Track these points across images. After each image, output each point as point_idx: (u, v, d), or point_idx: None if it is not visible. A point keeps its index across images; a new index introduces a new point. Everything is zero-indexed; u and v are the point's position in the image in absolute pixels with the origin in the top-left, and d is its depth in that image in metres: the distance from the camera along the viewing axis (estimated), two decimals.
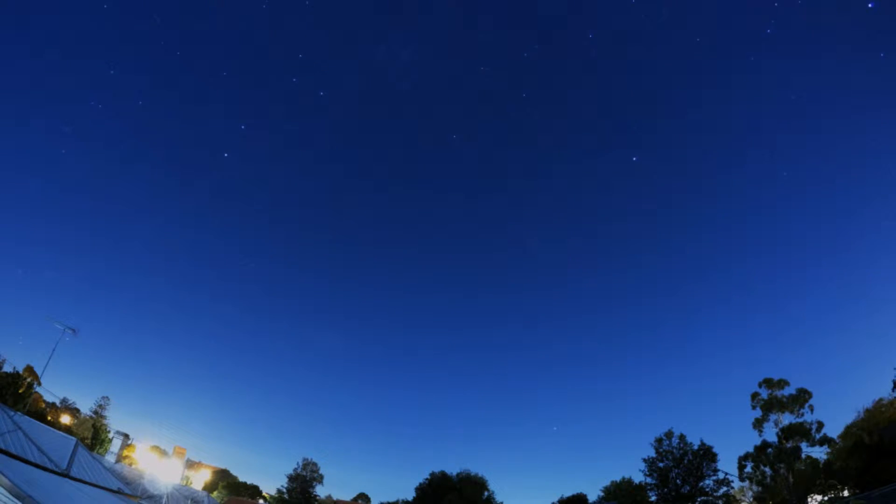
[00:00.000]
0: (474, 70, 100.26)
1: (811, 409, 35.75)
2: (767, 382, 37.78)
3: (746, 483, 37.95)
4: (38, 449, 12.67)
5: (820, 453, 34.17)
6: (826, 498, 30.20)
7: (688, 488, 40.31)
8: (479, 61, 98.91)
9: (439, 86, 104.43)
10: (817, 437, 34.71)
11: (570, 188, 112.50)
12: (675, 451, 41.79)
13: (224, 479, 67.77)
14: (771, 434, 36.51)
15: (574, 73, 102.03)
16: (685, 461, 41.03)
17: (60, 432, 17.86)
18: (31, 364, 45.18)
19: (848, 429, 33.70)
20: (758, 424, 37.20)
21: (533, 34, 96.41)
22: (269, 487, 68.39)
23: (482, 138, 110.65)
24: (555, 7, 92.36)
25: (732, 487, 39.69)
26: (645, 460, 42.93)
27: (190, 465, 59.17)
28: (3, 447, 10.62)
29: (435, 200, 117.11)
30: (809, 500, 32.47)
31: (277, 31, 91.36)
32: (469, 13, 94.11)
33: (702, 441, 41.39)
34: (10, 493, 8.39)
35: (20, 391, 36.51)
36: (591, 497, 51.80)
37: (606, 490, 49.07)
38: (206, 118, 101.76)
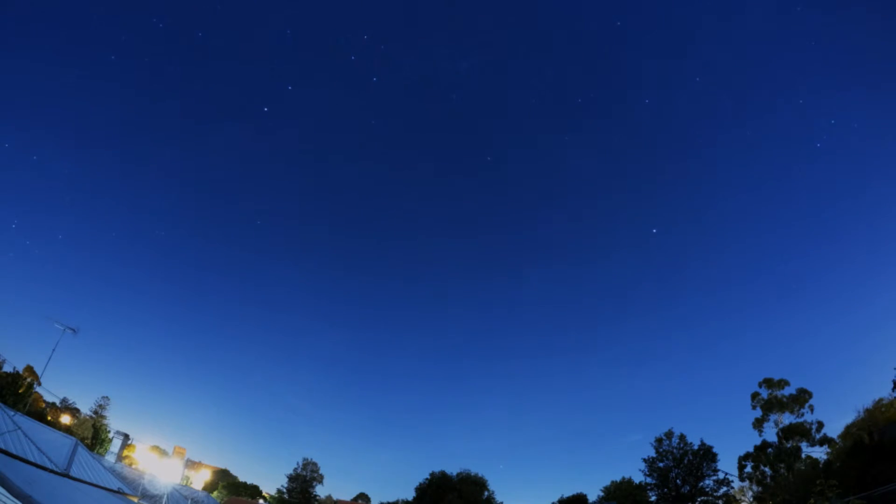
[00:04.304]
0: (526, 100, 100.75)
1: (811, 409, 35.86)
2: (767, 382, 37.83)
3: (746, 483, 37.98)
4: (38, 449, 12.67)
5: (820, 453, 34.25)
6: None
7: (688, 488, 40.32)
8: (533, 93, 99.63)
9: (488, 106, 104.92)
10: (817, 437, 34.78)
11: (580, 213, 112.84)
12: (675, 451, 41.82)
13: (224, 479, 67.82)
14: (771, 434, 36.60)
15: (620, 131, 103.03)
16: (685, 461, 41.04)
17: (60, 432, 17.85)
18: (31, 364, 45.35)
19: (848, 429, 33.71)
20: (758, 424, 37.27)
21: (593, 82, 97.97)
22: (269, 487, 68.57)
23: (514, 168, 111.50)
24: (620, 65, 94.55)
25: (732, 487, 39.71)
26: (645, 460, 42.99)
27: (190, 465, 59.24)
28: (3, 447, 10.62)
29: (450, 209, 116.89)
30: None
31: (351, 5, 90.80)
32: (539, 46, 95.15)
33: (702, 441, 41.44)
34: (10, 492, 8.39)
35: (20, 391, 36.51)
36: (591, 497, 51.90)
37: (606, 490, 49.13)
38: (257, 68, 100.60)
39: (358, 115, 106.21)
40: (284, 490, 62.12)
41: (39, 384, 41.18)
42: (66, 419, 46.96)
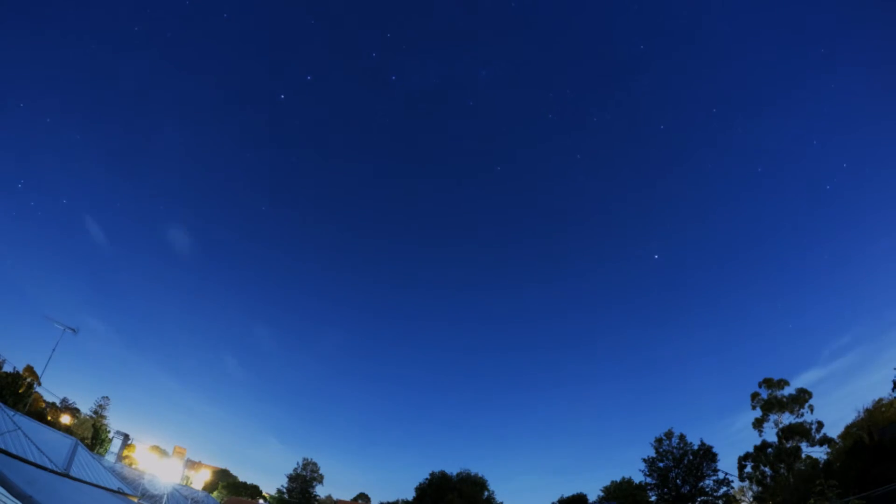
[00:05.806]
0: (542, 114, 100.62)
1: (811, 409, 35.83)
2: (767, 382, 37.82)
3: (746, 483, 38.00)
4: (38, 449, 12.66)
5: (820, 453, 34.26)
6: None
7: (688, 488, 40.33)
8: (550, 108, 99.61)
9: (503, 116, 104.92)
10: (817, 437, 34.77)
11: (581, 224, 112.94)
12: (675, 451, 41.83)
13: (224, 479, 67.83)
14: (771, 434, 36.58)
15: (632, 155, 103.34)
16: (685, 461, 41.05)
17: (60, 432, 17.83)
18: (31, 364, 45.36)
19: (848, 429, 33.76)
20: (758, 424, 37.24)
21: (610, 104, 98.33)
22: (269, 487, 68.58)
23: (523, 180, 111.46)
24: (640, 89, 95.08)
25: (732, 487, 39.73)
26: (645, 460, 43.02)
27: (190, 465, 59.27)
28: (3, 447, 10.62)
29: (452, 214, 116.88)
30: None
31: (376, 2, 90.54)
32: (561, 63, 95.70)
33: (702, 441, 41.48)
34: (10, 492, 8.39)
35: (20, 391, 36.55)
36: (591, 497, 51.91)
37: (606, 490, 49.13)
38: (278, 55, 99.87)
39: (372, 111, 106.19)
40: (284, 490, 62.14)
41: (39, 384, 41.22)
42: (66, 419, 46.97)
